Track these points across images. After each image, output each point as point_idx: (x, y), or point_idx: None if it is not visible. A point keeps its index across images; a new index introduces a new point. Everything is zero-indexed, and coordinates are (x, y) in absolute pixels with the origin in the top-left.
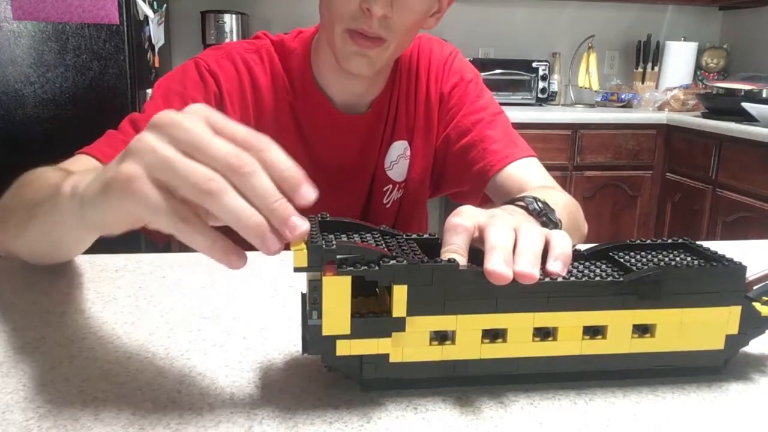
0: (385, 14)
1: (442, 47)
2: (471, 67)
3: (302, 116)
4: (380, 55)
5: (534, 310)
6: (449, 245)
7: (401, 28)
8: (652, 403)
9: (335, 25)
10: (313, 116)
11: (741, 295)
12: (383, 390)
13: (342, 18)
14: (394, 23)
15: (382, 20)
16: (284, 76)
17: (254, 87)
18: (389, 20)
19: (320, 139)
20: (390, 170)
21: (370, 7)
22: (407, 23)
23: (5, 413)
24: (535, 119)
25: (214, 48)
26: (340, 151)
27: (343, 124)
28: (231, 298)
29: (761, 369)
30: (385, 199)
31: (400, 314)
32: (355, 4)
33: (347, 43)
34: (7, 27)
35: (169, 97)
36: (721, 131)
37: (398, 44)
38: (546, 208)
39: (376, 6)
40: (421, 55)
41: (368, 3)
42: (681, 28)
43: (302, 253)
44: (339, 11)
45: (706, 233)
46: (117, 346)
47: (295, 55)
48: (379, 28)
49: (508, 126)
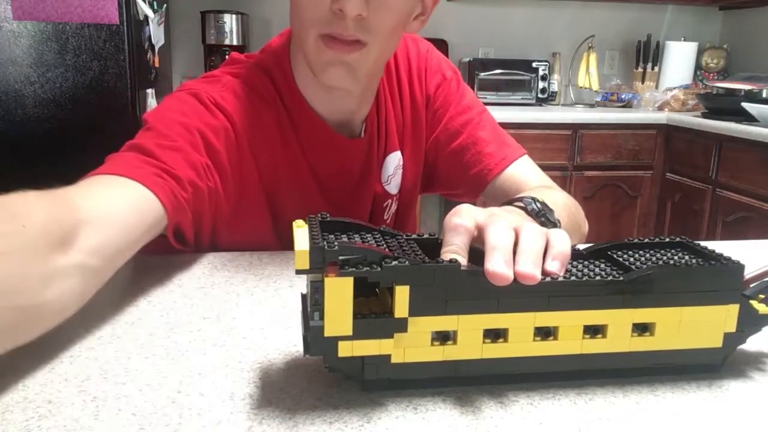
0: (359, 14)
1: (417, 45)
2: (448, 62)
3: (305, 143)
4: (360, 61)
5: (535, 309)
6: (450, 246)
7: (381, 29)
8: (652, 403)
9: (308, 32)
10: (314, 143)
11: (739, 294)
12: (384, 390)
13: (314, 23)
14: (371, 24)
15: (357, 21)
16: (281, 104)
17: (260, 122)
18: (366, 21)
19: (324, 163)
20: (388, 185)
21: (342, 8)
22: (387, 23)
23: (5, 413)
24: (535, 119)
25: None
26: (343, 175)
27: (345, 148)
28: (231, 298)
29: (759, 367)
30: (386, 215)
31: (402, 315)
32: (325, 6)
33: (322, 51)
34: (7, 27)
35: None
36: (721, 131)
37: (381, 48)
38: (544, 209)
39: (348, 5)
40: (398, 56)
41: (339, 3)
42: (681, 28)
43: (304, 255)
44: (310, 16)
45: (706, 233)
46: (117, 346)
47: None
48: (356, 29)
49: (494, 123)
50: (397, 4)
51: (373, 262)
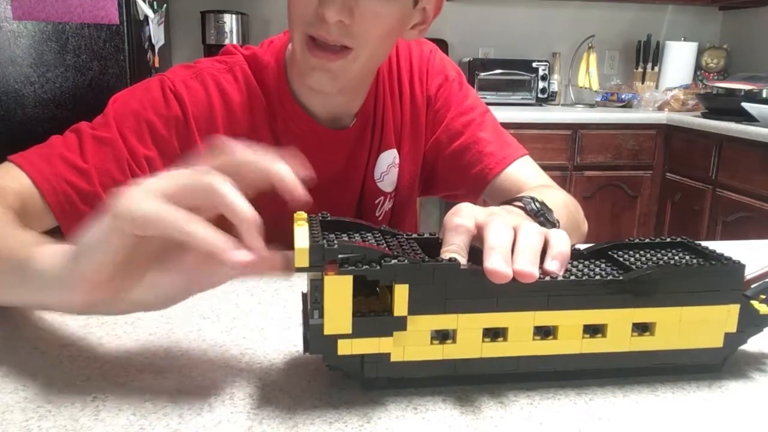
0: (341, 20)
1: (420, 46)
2: (452, 63)
3: (282, 134)
4: (345, 68)
5: (534, 308)
6: (449, 245)
7: (367, 37)
8: (652, 402)
9: (296, 31)
10: (294, 133)
11: (739, 294)
12: (384, 389)
13: (301, 22)
14: (356, 31)
15: (340, 27)
16: (260, 93)
17: (228, 109)
18: (350, 27)
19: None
20: (381, 182)
21: (323, 12)
22: (374, 32)
23: (5, 413)
24: (535, 119)
25: (184, 66)
26: (325, 167)
27: (327, 139)
28: (231, 298)
29: (760, 367)
30: (378, 212)
31: (402, 313)
32: (312, 7)
33: (306, 55)
34: (7, 27)
35: (124, 115)
36: (721, 131)
37: (369, 55)
38: (543, 208)
39: (329, 11)
40: (400, 56)
41: (322, 8)
42: (681, 28)
43: (304, 253)
44: (298, 15)
45: (706, 233)
46: (117, 346)
47: (269, 70)
48: (339, 35)
49: (496, 124)
50: (386, 12)
51: (373, 260)
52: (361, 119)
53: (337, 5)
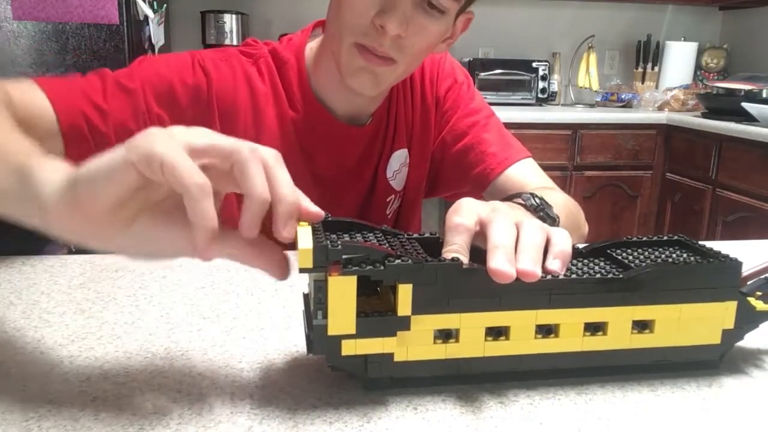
0: (399, 34)
1: None
2: (461, 68)
3: (301, 128)
4: (387, 75)
5: (536, 307)
6: (451, 245)
7: (412, 50)
8: (652, 402)
9: (344, 38)
10: (313, 128)
11: (736, 291)
12: (387, 389)
13: (352, 32)
14: (406, 44)
15: (395, 39)
16: (282, 88)
17: (253, 99)
18: (402, 41)
19: (320, 150)
20: (393, 180)
21: (384, 24)
22: (419, 46)
23: (5, 413)
24: (535, 119)
25: (215, 50)
26: (340, 162)
27: (344, 135)
28: (231, 298)
29: (756, 363)
30: (388, 210)
31: (405, 313)
32: (367, 18)
33: (355, 56)
34: (7, 27)
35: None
36: (721, 131)
37: (407, 67)
38: (543, 204)
39: (391, 24)
40: None
41: (382, 20)
42: (681, 28)
43: (308, 253)
44: (350, 24)
45: (706, 233)
46: (117, 346)
47: (289, 66)
48: (390, 48)
49: (501, 127)
50: (434, 29)
51: (376, 260)
52: (376, 119)
53: (398, 18)
